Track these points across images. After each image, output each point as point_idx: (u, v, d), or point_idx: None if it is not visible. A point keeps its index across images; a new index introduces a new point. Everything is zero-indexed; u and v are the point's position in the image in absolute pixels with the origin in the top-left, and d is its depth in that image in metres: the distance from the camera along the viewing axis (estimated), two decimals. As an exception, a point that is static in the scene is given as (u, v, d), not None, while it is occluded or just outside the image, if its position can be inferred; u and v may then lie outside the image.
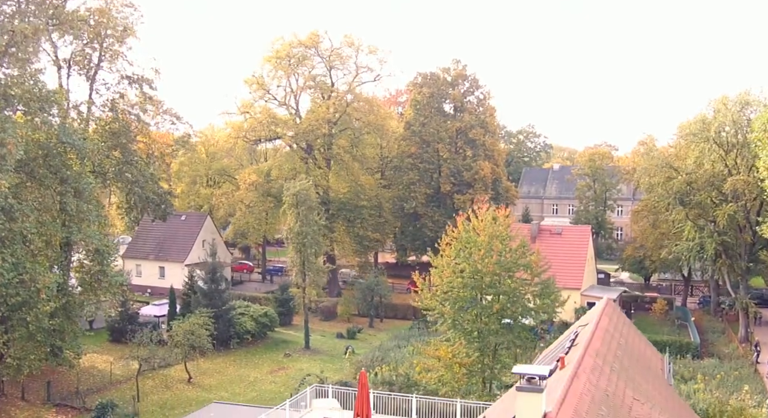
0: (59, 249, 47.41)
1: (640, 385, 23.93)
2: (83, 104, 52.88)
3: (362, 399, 30.68)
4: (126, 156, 53.41)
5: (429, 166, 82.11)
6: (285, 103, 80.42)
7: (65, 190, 45.30)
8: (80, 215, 45.58)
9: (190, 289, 62.25)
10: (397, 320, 71.67)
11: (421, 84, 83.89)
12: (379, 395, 36.09)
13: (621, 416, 19.94)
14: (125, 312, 60.19)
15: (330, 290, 76.44)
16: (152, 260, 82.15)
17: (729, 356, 54.52)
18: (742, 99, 56.87)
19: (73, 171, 47.02)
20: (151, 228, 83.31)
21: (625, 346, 26.66)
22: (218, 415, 33.24)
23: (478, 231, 41.16)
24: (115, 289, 47.12)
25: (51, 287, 42.29)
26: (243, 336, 59.42)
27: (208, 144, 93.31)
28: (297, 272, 58.06)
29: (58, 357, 46.64)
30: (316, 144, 78.35)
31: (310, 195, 57.42)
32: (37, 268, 41.70)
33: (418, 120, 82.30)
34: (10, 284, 39.19)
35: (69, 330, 46.56)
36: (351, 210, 77.59)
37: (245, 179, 77.23)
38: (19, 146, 39.66)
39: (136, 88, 55.07)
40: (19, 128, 41.49)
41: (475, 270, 39.85)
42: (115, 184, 56.15)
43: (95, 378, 51.59)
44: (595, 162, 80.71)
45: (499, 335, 39.20)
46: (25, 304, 40.84)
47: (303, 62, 78.15)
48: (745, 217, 58.39)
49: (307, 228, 56.23)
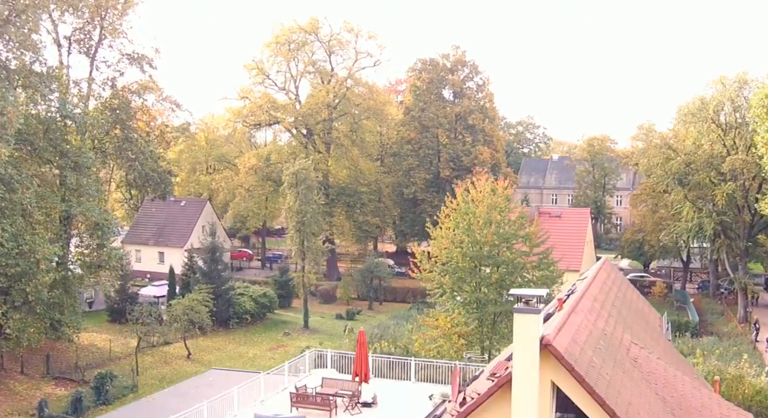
0: (59, 223, 47.35)
1: (638, 333, 24.00)
2: (83, 81, 52.94)
3: (360, 358, 30.72)
4: (126, 133, 53.42)
5: (428, 151, 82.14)
6: (285, 88, 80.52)
7: (65, 163, 45.33)
8: (80, 190, 45.61)
9: (189, 270, 62.24)
10: (396, 303, 71.74)
11: (421, 70, 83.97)
12: (378, 358, 36.09)
13: (619, 354, 20.02)
14: (124, 292, 60.18)
15: (329, 274, 76.44)
16: (152, 245, 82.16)
17: (728, 334, 54.57)
18: (740, 78, 56.96)
19: (72, 146, 47.09)
20: (150, 214, 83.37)
21: (623, 299, 26.74)
22: (217, 379, 33.22)
23: (477, 202, 41.20)
24: (114, 262, 47.04)
25: (50, 258, 42.38)
26: (242, 316, 59.45)
27: (208, 131, 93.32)
28: (296, 251, 58.07)
29: (58, 331, 46.59)
30: (316, 129, 78.41)
31: (310, 174, 57.44)
32: (37, 240, 41.65)
33: (418, 105, 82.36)
34: (10, 254, 39.18)
35: (68, 304, 46.47)
36: (350, 195, 77.66)
37: (245, 163, 77.26)
38: (19, 116, 39.70)
39: (137, 66, 55.03)
40: (20, 103, 41.62)
41: (474, 241, 39.89)
42: (115, 160, 56.14)
43: (94, 355, 51.64)
44: (594, 147, 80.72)
45: (497, 304, 39.24)
46: (24, 275, 40.82)
47: (303, 48, 78.27)
48: (744, 196, 58.47)
49: (306, 207, 56.28)
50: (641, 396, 18.24)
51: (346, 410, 29.35)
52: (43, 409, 38.39)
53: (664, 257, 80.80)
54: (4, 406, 41.84)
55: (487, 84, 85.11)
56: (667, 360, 23.83)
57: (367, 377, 30.98)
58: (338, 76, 79.94)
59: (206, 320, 49.96)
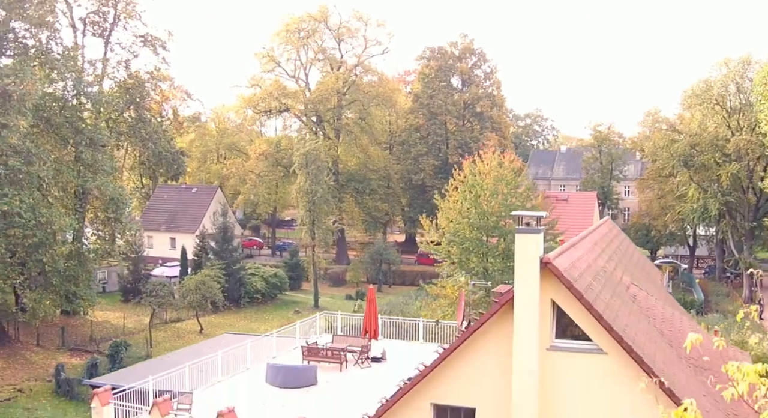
0: (74, 197, 48.40)
1: (638, 279, 24.74)
2: (98, 62, 53.98)
3: (370, 315, 31.53)
4: (139, 112, 54.47)
5: (436, 138, 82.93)
6: (294, 76, 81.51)
7: (80, 140, 46.43)
8: (95, 165, 46.73)
9: (201, 250, 63.14)
10: (405, 286, 72.47)
11: (429, 58, 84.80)
12: (387, 319, 36.90)
13: (618, 289, 20.76)
14: (137, 273, 61.19)
15: (339, 259, 77.23)
16: (163, 231, 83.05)
17: (733, 312, 55.08)
18: (744, 60, 57.54)
19: (87, 123, 48.20)
20: (162, 201, 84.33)
21: (624, 250, 27.50)
22: (230, 341, 34.08)
23: (484, 175, 41.94)
24: (129, 235, 48.03)
25: (66, 230, 43.43)
26: (253, 296, 60.36)
27: (219, 121, 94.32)
28: (306, 230, 58.91)
29: (73, 304, 47.70)
30: (326, 116, 79.32)
31: (320, 155, 58.31)
32: (53, 212, 42.72)
33: (426, 93, 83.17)
34: (27, 225, 40.22)
35: (83, 278, 47.56)
36: (360, 181, 78.51)
37: (256, 149, 78.21)
38: (37, 89, 40.79)
39: (150, 48, 56.07)
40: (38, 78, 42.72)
41: (481, 212, 40.63)
42: (129, 139, 57.18)
43: (108, 330, 52.64)
44: (601, 133, 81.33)
45: (504, 273, 39.94)
46: (41, 245, 41.89)
47: (312, 36, 79.25)
48: (749, 177, 59.02)
49: (316, 187, 57.13)
50: (639, 324, 18.99)
51: (356, 364, 30.16)
52: (60, 373, 39.43)
53: (670, 244, 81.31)
54: (21, 373, 42.91)
55: (495, 72, 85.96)
56: (667, 305, 24.57)
57: (376, 333, 31.81)
58: (347, 64, 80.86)
59: (218, 295, 50.83)
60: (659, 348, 18.45)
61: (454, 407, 18.22)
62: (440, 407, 18.33)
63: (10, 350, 46.47)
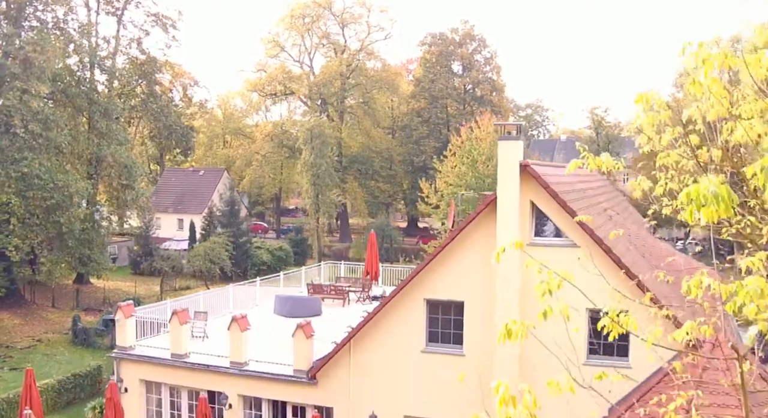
0: (89, 164, 50.51)
1: (620, 213, 26.69)
2: (111, 38, 56.18)
3: (371, 258, 33.56)
4: (151, 87, 56.59)
5: (438, 121, 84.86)
6: (299, 61, 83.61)
7: (95, 109, 48.65)
8: (109, 134, 48.93)
9: (209, 224, 65.15)
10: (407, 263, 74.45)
11: (431, 43, 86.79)
12: (387, 267, 38.90)
13: (597, 208, 22.72)
14: (147, 246, 63.24)
15: (342, 238, 79.20)
16: (171, 212, 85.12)
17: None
18: (734, 38, 59.44)
19: (101, 94, 50.43)
20: (170, 184, 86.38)
21: (610, 192, 29.51)
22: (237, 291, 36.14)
23: (480, 140, 44.01)
24: (141, 202, 50.13)
25: (82, 193, 45.55)
26: (260, 267, 62.33)
27: (225, 107, 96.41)
28: (311, 203, 60.91)
29: (87, 266, 49.76)
30: (330, 99, 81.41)
31: (324, 131, 60.32)
32: (70, 176, 44.87)
33: (428, 77, 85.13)
34: (46, 187, 42.33)
35: (96, 242, 49.70)
36: (363, 162, 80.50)
37: (261, 130, 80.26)
38: (58, 56, 43.01)
39: (161, 26, 58.20)
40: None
41: (477, 175, 42.70)
42: (141, 113, 59.28)
43: (120, 295, 54.60)
44: (597, 116, 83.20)
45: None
46: (59, 207, 43.96)
47: (317, 21, 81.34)
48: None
49: (320, 160, 59.15)
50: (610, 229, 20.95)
51: (357, 301, 32.18)
52: (77, 323, 41.54)
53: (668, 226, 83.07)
54: (39, 328, 45.08)
55: (495, 57, 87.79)
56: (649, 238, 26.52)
57: (377, 275, 33.86)
58: (351, 50, 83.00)
59: (226, 261, 52.78)
60: (629, 251, 20.43)
61: (445, 301, 20.30)
62: (432, 301, 20.41)
63: (27, 311, 48.61)
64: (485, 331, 19.31)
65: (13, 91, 41.49)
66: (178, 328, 23.07)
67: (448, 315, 20.35)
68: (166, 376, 23.58)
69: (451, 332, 20.29)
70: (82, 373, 31.53)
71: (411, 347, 20.53)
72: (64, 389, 30.13)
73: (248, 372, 22.13)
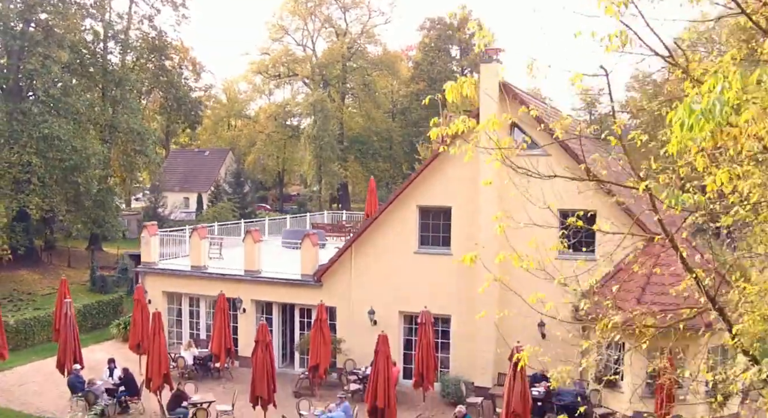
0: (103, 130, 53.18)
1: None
2: (125, 15, 58.81)
3: (371, 202, 36.27)
4: (161, 61, 59.27)
5: (436, 103, 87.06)
6: (302, 44, 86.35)
7: (110, 78, 51.45)
8: (123, 102, 51.71)
9: (215, 197, 67.74)
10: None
11: (429, 28, 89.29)
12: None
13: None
14: (156, 217, 65.92)
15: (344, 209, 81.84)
16: (177, 191, 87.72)
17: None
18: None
19: (115, 65, 53.22)
20: (176, 164, 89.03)
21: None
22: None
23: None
24: (153, 167, 52.79)
25: (100, 156, 48.26)
26: (264, 234, 65.12)
27: (229, 90, 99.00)
28: (313, 175, 63.52)
29: (102, 227, 52.45)
30: (332, 81, 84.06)
31: (326, 105, 62.91)
32: (87, 140, 47.58)
33: (426, 60, 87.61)
34: (65, 149, 45.00)
35: (110, 204, 52.44)
36: (364, 143, 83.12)
37: (265, 110, 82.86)
38: (77, 26, 45.81)
39: (170, 5, 60.73)
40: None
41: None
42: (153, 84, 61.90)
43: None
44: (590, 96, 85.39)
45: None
46: (77, 168, 46.62)
47: (319, 6, 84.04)
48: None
49: (323, 133, 61.75)
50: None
51: (358, 239, 34.94)
52: (95, 271, 44.24)
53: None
54: (57, 281, 47.52)
55: (492, 40, 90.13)
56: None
57: (376, 218, 36.60)
58: (352, 33, 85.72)
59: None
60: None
61: (435, 207, 23.07)
62: (424, 207, 23.17)
63: (44, 269, 51.28)
64: (470, 233, 22.06)
65: (36, 56, 44.19)
66: (197, 242, 25.83)
67: (438, 220, 23.13)
68: (186, 286, 26.35)
69: (440, 235, 23.06)
70: (105, 301, 34.29)
71: (405, 250, 23.31)
72: (89, 314, 32.87)
73: (261, 278, 24.89)
